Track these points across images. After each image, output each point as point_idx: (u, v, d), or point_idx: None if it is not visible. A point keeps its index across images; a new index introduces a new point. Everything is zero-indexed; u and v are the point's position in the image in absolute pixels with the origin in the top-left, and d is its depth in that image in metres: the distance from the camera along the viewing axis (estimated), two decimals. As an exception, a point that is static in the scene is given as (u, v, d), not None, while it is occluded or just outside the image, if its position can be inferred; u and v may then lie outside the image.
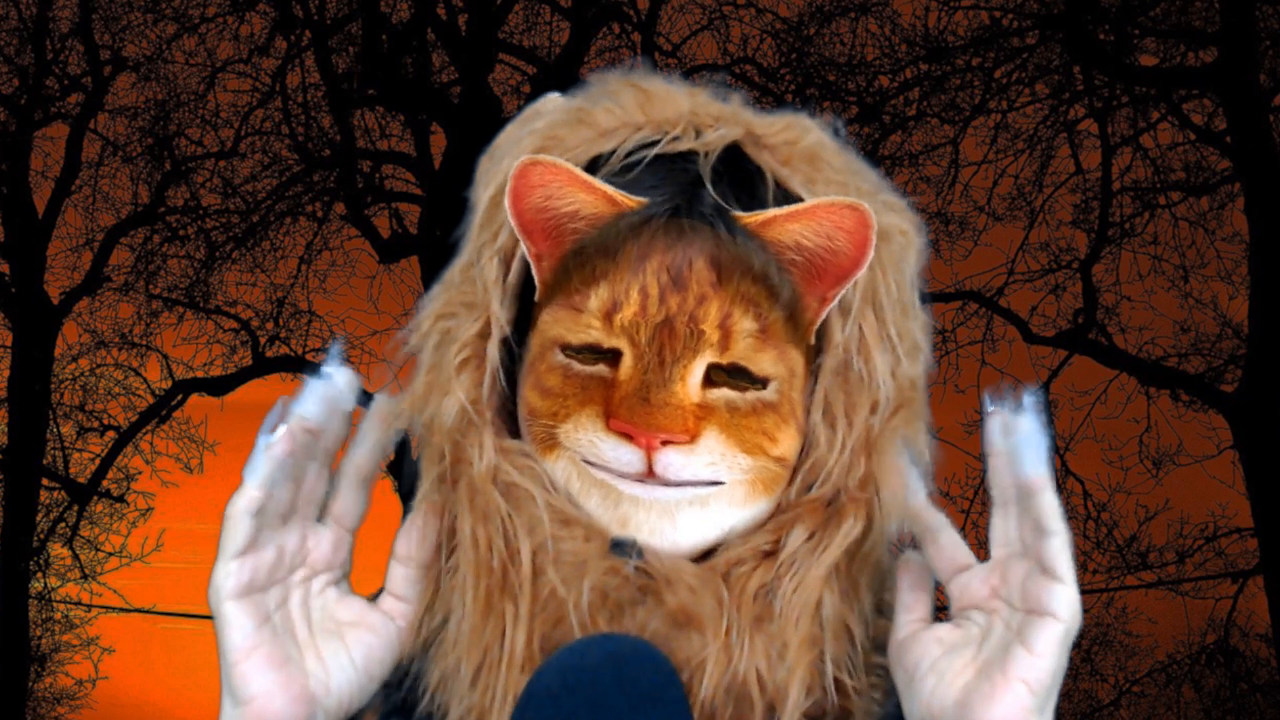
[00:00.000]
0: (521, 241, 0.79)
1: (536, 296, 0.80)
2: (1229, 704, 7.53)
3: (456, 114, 7.31)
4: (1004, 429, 0.72)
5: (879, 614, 0.80)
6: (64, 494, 8.45)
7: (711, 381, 0.76)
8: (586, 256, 0.77)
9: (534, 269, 0.80)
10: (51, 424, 8.23)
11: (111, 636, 8.57)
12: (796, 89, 7.31)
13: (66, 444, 8.42)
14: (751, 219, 0.77)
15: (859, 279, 0.78)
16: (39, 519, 8.18)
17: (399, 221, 7.87)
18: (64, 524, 8.44)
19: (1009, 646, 0.71)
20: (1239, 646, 7.48)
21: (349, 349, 7.99)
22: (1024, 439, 0.71)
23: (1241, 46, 6.57)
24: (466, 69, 7.33)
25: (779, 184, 0.80)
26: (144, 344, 8.37)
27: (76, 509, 8.43)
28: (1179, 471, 7.32)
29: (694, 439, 0.75)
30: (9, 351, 8.13)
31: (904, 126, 7.54)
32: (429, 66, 7.63)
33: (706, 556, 0.78)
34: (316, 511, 0.78)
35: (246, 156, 8.10)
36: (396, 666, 0.79)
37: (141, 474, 8.46)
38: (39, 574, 8.31)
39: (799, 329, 0.78)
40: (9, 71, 8.15)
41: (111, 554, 8.46)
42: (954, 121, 7.47)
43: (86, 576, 8.43)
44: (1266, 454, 6.37)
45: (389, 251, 7.68)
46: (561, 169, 0.77)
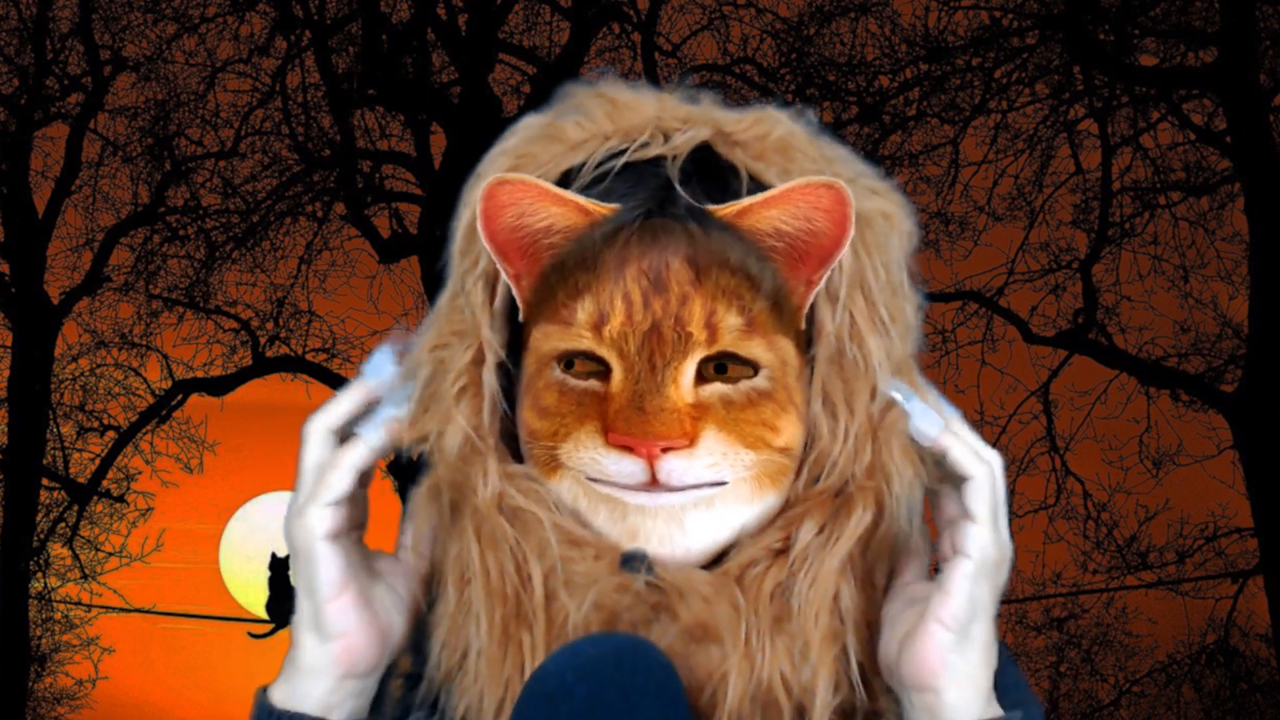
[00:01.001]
0: (498, 264, 0.79)
1: (521, 316, 0.80)
2: (1229, 704, 7.53)
3: (456, 114, 7.31)
4: (910, 426, 0.77)
5: None
6: (64, 494, 8.43)
7: (703, 378, 0.76)
8: (567, 270, 0.77)
9: (514, 289, 0.80)
10: (51, 424, 8.22)
11: (111, 636, 8.56)
12: (796, 89, 7.30)
13: (66, 444, 8.41)
14: (727, 210, 0.77)
15: (845, 264, 0.78)
16: (39, 519, 8.18)
17: (399, 221, 7.86)
18: (64, 524, 8.43)
19: (931, 591, 0.74)
20: (1239, 646, 7.47)
21: (351, 350, 7.99)
22: (914, 417, 0.77)
23: (1241, 46, 6.57)
24: (466, 69, 7.33)
25: (754, 178, 0.79)
26: (144, 344, 8.36)
27: (76, 509, 8.42)
28: (1179, 471, 7.31)
29: (693, 441, 0.75)
30: (9, 351, 8.12)
31: (904, 126, 7.53)
32: (429, 66, 7.62)
33: (720, 561, 0.78)
34: None
35: (246, 156, 8.09)
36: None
37: (141, 474, 8.45)
38: (39, 574, 8.30)
39: (787, 316, 0.78)
40: (9, 71, 8.14)
41: (111, 554, 8.45)
42: (954, 121, 7.46)
43: (86, 576, 8.42)
44: (1266, 454, 6.36)
45: (389, 251, 7.67)
46: (530, 185, 0.77)
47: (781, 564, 0.76)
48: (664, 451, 0.75)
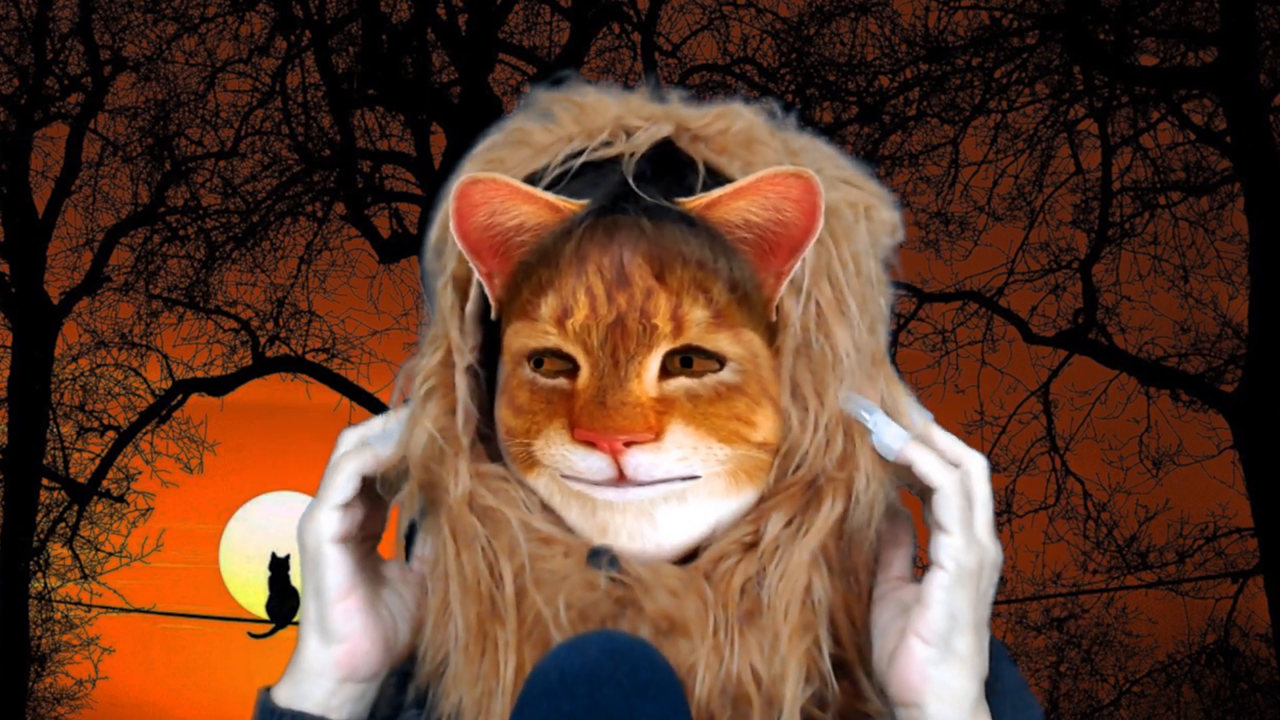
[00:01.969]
0: (471, 263, 0.79)
1: (493, 315, 0.80)
2: (1229, 704, 7.53)
3: (456, 114, 7.31)
4: (873, 441, 0.76)
5: None
6: (64, 494, 8.43)
7: (668, 373, 0.76)
8: (531, 267, 0.77)
9: (487, 289, 0.80)
10: (51, 424, 8.22)
11: (111, 636, 8.56)
12: (796, 89, 7.30)
13: (66, 444, 8.41)
14: (695, 203, 0.77)
15: (809, 254, 0.77)
16: (39, 519, 8.18)
17: (399, 221, 7.86)
18: (64, 524, 8.43)
19: (913, 605, 0.74)
20: (1239, 646, 7.47)
21: (351, 350, 7.98)
22: (876, 432, 0.76)
23: (1241, 46, 6.57)
24: (466, 69, 7.33)
25: (717, 173, 0.79)
26: (144, 344, 8.35)
27: (76, 509, 8.42)
28: (1179, 471, 7.31)
29: (659, 435, 0.75)
30: (9, 351, 8.12)
31: (904, 126, 7.53)
32: (429, 66, 7.63)
33: (695, 557, 0.77)
34: None
35: (246, 156, 8.09)
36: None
37: (141, 474, 8.44)
38: (39, 574, 8.30)
39: (755, 309, 0.77)
40: (9, 71, 8.14)
41: (111, 554, 8.44)
42: (954, 121, 7.46)
43: (86, 576, 8.42)
44: (1266, 454, 6.37)
45: (389, 251, 7.67)
46: (501, 183, 0.77)
47: (752, 558, 0.76)
48: (628, 446, 0.74)
